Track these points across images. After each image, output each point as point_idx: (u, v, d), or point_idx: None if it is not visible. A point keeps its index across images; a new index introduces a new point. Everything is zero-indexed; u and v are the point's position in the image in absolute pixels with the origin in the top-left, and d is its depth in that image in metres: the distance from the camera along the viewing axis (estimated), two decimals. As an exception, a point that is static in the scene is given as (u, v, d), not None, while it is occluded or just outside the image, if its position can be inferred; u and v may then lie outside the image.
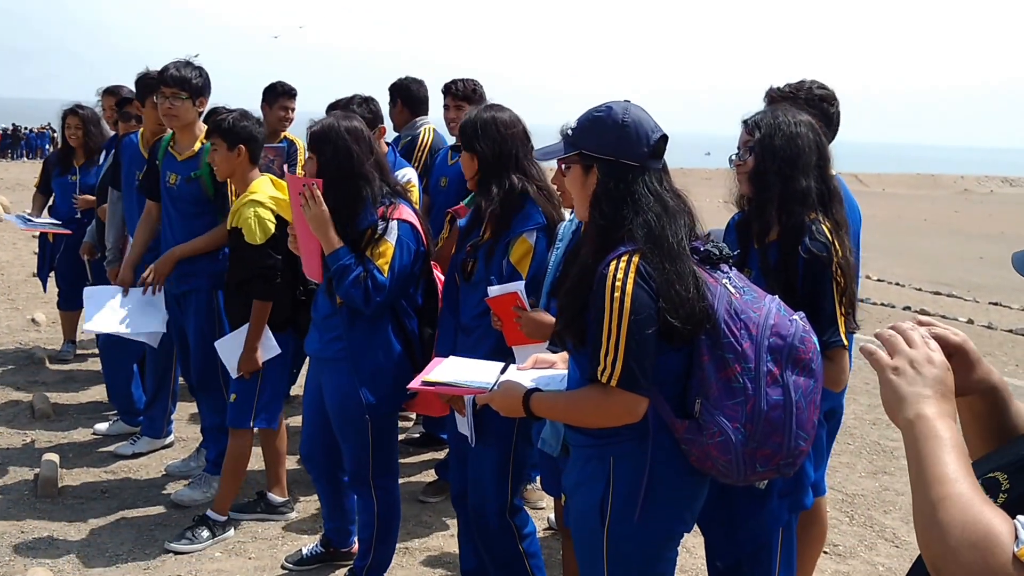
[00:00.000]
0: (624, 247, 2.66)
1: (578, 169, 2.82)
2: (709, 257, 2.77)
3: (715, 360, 2.64)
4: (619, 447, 2.74)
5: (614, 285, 2.59)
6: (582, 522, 2.86)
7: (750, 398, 2.60)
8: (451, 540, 5.12)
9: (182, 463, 6.00)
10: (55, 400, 7.16)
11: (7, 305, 10.43)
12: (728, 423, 2.61)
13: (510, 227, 3.78)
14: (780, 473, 2.72)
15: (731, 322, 2.64)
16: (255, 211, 4.68)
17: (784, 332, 2.66)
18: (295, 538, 5.10)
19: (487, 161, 3.82)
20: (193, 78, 5.31)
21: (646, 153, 2.74)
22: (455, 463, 4.19)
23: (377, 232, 3.99)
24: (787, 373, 2.63)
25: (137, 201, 5.97)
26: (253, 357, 4.79)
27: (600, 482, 2.76)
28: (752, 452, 2.62)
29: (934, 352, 1.57)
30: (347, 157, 4.03)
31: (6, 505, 5.36)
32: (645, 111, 2.80)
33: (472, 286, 3.86)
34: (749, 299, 2.72)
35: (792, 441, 2.63)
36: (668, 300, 2.58)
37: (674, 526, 2.84)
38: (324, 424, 4.34)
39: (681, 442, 2.70)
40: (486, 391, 3.00)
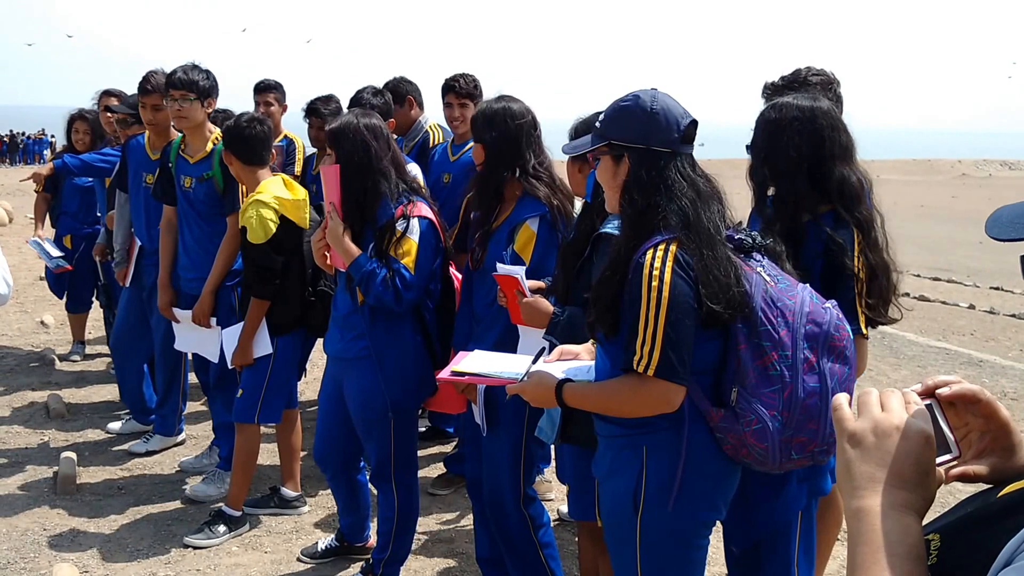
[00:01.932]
0: (660, 236, 2.66)
1: (608, 160, 2.81)
2: (742, 245, 2.79)
3: (752, 348, 2.65)
4: (653, 436, 2.74)
5: (651, 274, 2.59)
6: (614, 512, 2.87)
7: (787, 386, 2.63)
8: (462, 532, 5.22)
9: (195, 460, 6.10)
10: (68, 400, 7.27)
11: (16, 308, 10.51)
12: (765, 411, 2.63)
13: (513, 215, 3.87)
14: (815, 461, 2.75)
15: (768, 310, 2.66)
16: (258, 211, 4.74)
17: (820, 320, 2.70)
18: (309, 532, 5.20)
19: (494, 151, 3.90)
20: (200, 80, 5.39)
21: (677, 139, 2.73)
22: (471, 452, 4.27)
23: (398, 231, 4.06)
24: (823, 360, 2.67)
25: (144, 202, 6.06)
26: (247, 352, 4.91)
27: (633, 471, 2.77)
28: (788, 440, 2.65)
29: (916, 421, 1.23)
30: (365, 152, 4.09)
31: (27, 503, 5.47)
32: (672, 98, 2.79)
33: (481, 274, 3.95)
34: (783, 287, 2.75)
35: (828, 428, 2.64)
36: (707, 286, 2.59)
37: (707, 514, 2.85)
38: (340, 424, 4.42)
39: (716, 431, 2.71)
40: (516, 381, 3.00)
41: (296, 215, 4.82)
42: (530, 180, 3.87)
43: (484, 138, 3.93)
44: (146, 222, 6.06)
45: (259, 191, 4.85)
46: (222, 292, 5.47)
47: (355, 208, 4.12)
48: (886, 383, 8.29)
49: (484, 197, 3.97)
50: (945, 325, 11.87)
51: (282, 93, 7.20)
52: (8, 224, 17.26)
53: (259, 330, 4.91)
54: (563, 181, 3.99)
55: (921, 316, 11.90)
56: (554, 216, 3.86)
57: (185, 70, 5.41)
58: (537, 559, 4.11)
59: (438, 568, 4.84)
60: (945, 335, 11.15)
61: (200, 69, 5.43)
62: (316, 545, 4.90)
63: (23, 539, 5.02)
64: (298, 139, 7.18)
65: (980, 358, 9.67)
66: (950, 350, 10.01)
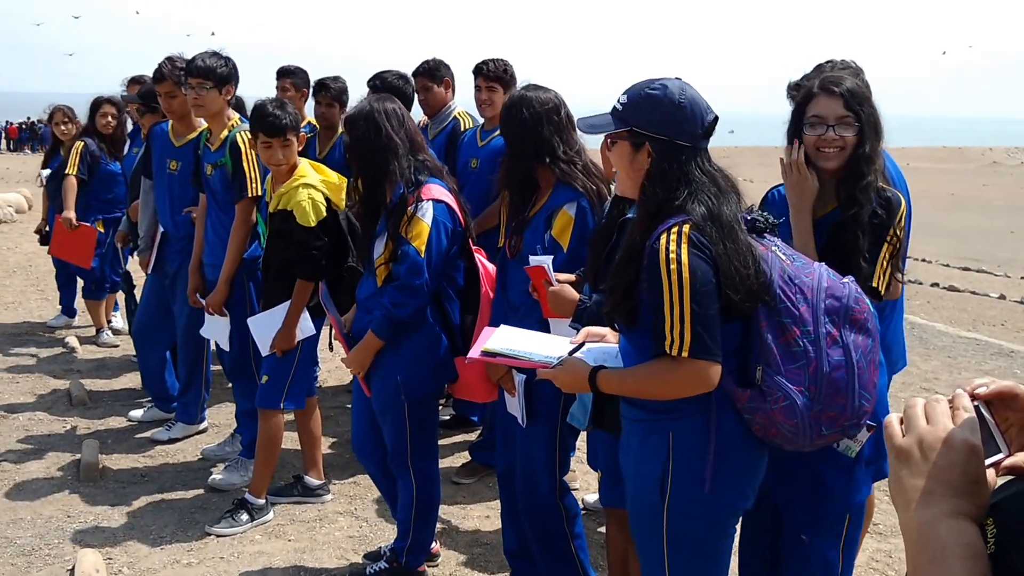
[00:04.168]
0: (672, 219, 2.65)
1: (626, 146, 2.80)
2: (755, 226, 2.78)
3: (773, 326, 2.65)
4: (680, 421, 2.73)
5: (668, 257, 2.59)
6: (640, 499, 2.85)
7: (812, 361, 2.63)
8: (487, 521, 5.16)
9: (217, 447, 6.06)
10: (89, 387, 7.26)
11: (36, 296, 10.56)
12: (792, 387, 2.63)
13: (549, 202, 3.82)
14: (846, 435, 2.77)
15: (786, 287, 2.67)
16: (309, 193, 4.72)
17: (839, 294, 2.70)
18: (333, 519, 5.15)
19: (515, 140, 3.87)
20: (218, 67, 5.34)
21: (700, 134, 2.74)
22: (502, 443, 4.21)
23: (409, 212, 4.00)
24: (846, 333, 2.67)
25: (168, 189, 6.02)
26: (290, 336, 4.84)
27: (660, 457, 2.75)
28: (817, 415, 2.64)
29: (960, 431, 1.22)
30: (375, 133, 4.05)
31: (51, 489, 5.45)
32: (696, 90, 2.78)
33: (517, 263, 3.90)
34: (800, 265, 2.75)
35: (856, 401, 2.66)
36: (727, 276, 2.59)
37: (736, 501, 2.82)
38: (370, 411, 4.36)
39: (744, 411, 2.71)
40: (549, 366, 2.98)
41: (336, 197, 4.81)
42: (562, 167, 3.81)
43: (504, 129, 3.95)
44: (169, 209, 6.02)
45: (302, 174, 4.81)
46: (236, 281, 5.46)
47: (370, 189, 4.08)
48: (916, 374, 8.19)
49: (513, 187, 3.92)
50: (975, 315, 11.74)
51: (301, 79, 7.13)
52: (27, 211, 17.34)
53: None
54: (597, 165, 3.93)
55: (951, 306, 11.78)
56: (592, 202, 3.81)
57: (203, 58, 5.37)
58: (567, 550, 4.08)
59: (462, 557, 4.79)
60: (975, 325, 11.01)
61: (219, 56, 5.38)
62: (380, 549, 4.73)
63: (47, 526, 5.00)
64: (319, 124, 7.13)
65: (1011, 348, 9.54)
66: (980, 340, 9.88)
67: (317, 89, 6.44)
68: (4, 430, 6.38)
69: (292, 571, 4.62)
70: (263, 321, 4.91)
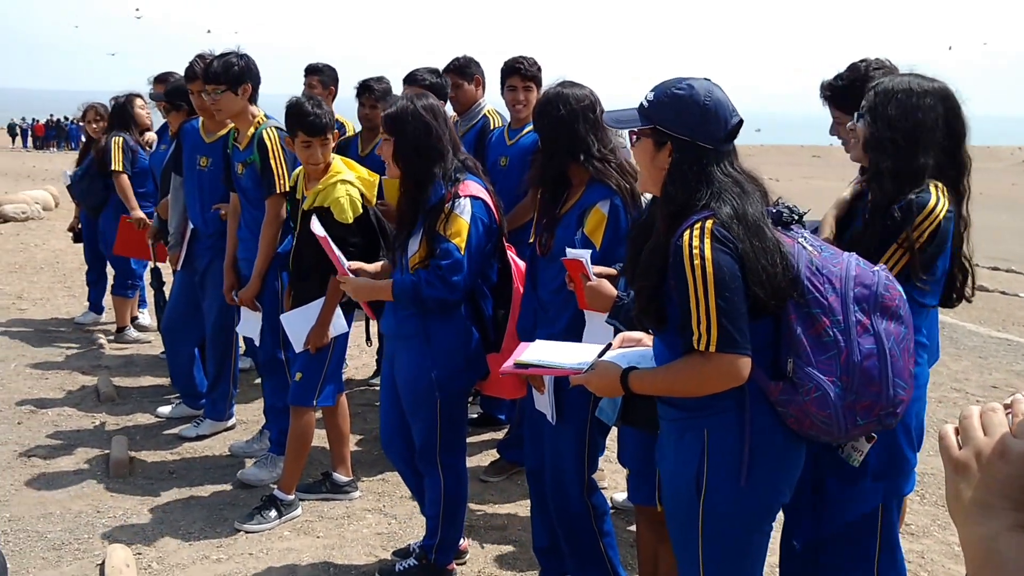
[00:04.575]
0: (695, 216, 2.65)
1: (649, 143, 2.80)
2: (781, 218, 2.78)
3: (803, 318, 2.64)
4: (714, 418, 2.72)
5: (691, 253, 2.58)
6: (676, 496, 2.85)
7: (842, 350, 2.62)
8: (515, 519, 5.15)
9: (246, 444, 6.07)
10: (117, 384, 7.29)
11: (64, 292, 10.62)
12: (824, 377, 2.61)
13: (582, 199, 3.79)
14: (882, 425, 2.72)
15: (814, 278, 2.65)
16: (347, 190, 4.72)
17: (868, 282, 2.68)
18: (361, 517, 5.15)
19: (549, 138, 3.84)
20: (228, 68, 5.35)
21: (722, 137, 2.73)
22: (531, 440, 4.19)
23: (446, 209, 3.98)
24: (877, 321, 2.65)
25: (198, 186, 6.03)
26: (324, 333, 4.83)
27: (695, 454, 2.75)
28: (851, 405, 2.63)
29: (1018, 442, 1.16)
30: (426, 134, 4.02)
31: (81, 485, 5.47)
32: (723, 92, 2.78)
33: (549, 260, 3.88)
34: (827, 255, 2.74)
35: (891, 390, 2.65)
36: (754, 274, 2.58)
37: (772, 498, 2.82)
38: (399, 407, 4.34)
39: (777, 404, 2.69)
40: (580, 372, 2.99)
41: (369, 194, 4.82)
42: (596, 165, 3.78)
43: (539, 125, 3.93)
44: (200, 205, 6.03)
45: (337, 171, 4.81)
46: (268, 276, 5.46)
47: (413, 191, 4.06)
48: (946, 373, 8.14)
49: (546, 184, 3.90)
50: (1005, 315, 11.64)
51: (328, 76, 7.14)
52: (55, 208, 17.45)
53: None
54: (631, 163, 3.90)
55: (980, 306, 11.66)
56: (626, 201, 3.78)
57: (213, 61, 5.40)
58: (596, 548, 4.06)
59: (491, 555, 4.77)
60: (1005, 325, 10.92)
61: (231, 56, 5.38)
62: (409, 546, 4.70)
63: (76, 520, 5.01)
64: (349, 123, 7.14)
65: (1042, 349, 9.44)
66: (1011, 340, 9.79)
67: (361, 90, 6.43)
68: (33, 425, 6.41)
69: (321, 567, 4.61)
70: (297, 318, 4.90)
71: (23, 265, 12.00)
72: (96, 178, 8.34)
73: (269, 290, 5.49)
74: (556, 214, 3.86)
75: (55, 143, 52.41)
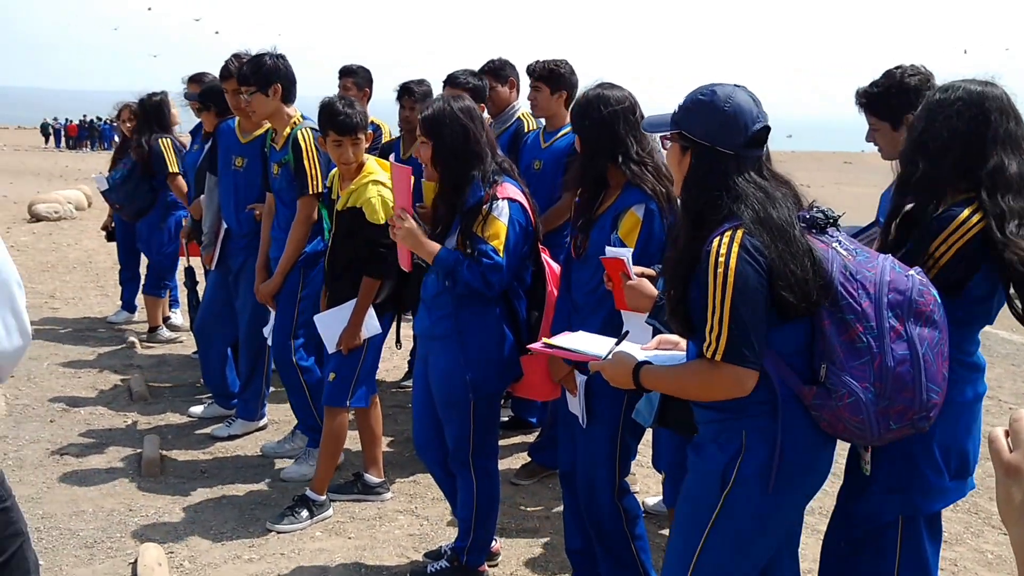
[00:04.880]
0: (728, 223, 2.64)
1: (676, 148, 2.82)
2: (815, 222, 2.75)
3: (836, 323, 2.63)
4: (750, 421, 2.73)
5: (717, 260, 2.58)
6: (696, 487, 2.86)
7: (876, 356, 2.60)
8: (547, 522, 5.13)
9: (277, 444, 6.07)
10: (149, 383, 7.32)
11: (96, 292, 10.69)
12: (857, 383, 2.61)
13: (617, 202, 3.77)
14: (916, 428, 2.70)
15: (847, 283, 2.64)
16: (379, 191, 4.72)
17: (902, 287, 2.66)
18: (392, 518, 5.14)
19: (590, 139, 3.81)
20: (257, 69, 5.38)
21: (742, 143, 2.70)
22: (564, 440, 4.16)
23: (484, 210, 3.97)
24: (910, 327, 2.63)
25: (233, 186, 6.05)
26: (356, 334, 4.83)
27: (729, 454, 2.75)
28: (884, 410, 2.62)
29: None
30: (464, 137, 4.01)
31: (113, 483, 5.50)
32: (752, 97, 2.76)
33: (583, 262, 3.86)
34: (862, 259, 2.71)
35: (924, 395, 2.64)
36: (783, 279, 2.57)
37: (797, 499, 2.85)
38: (432, 409, 4.33)
39: (811, 408, 2.70)
40: (599, 359, 3.03)
41: None
42: (632, 168, 3.75)
43: (579, 126, 3.89)
44: (234, 205, 6.05)
45: (370, 171, 4.82)
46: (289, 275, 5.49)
47: (451, 193, 4.05)
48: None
49: (584, 185, 3.88)
50: (1038, 323, 11.48)
51: (363, 78, 7.14)
52: (87, 208, 17.59)
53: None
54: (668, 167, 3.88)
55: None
56: (660, 206, 3.75)
57: (243, 63, 5.45)
58: (628, 551, 4.04)
59: (523, 558, 4.76)
60: (1039, 333, 10.78)
61: (262, 57, 5.40)
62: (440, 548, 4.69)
63: (109, 519, 5.03)
64: (384, 125, 7.14)
65: (1077, 357, 9.33)
66: (1045, 348, 9.68)
67: (401, 93, 6.45)
68: (66, 424, 6.45)
69: (352, 568, 4.61)
70: (330, 319, 4.90)
71: (55, 264, 12.09)
72: (141, 181, 8.29)
73: (289, 288, 5.52)
74: (592, 216, 3.84)
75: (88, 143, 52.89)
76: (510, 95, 6.34)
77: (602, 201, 3.84)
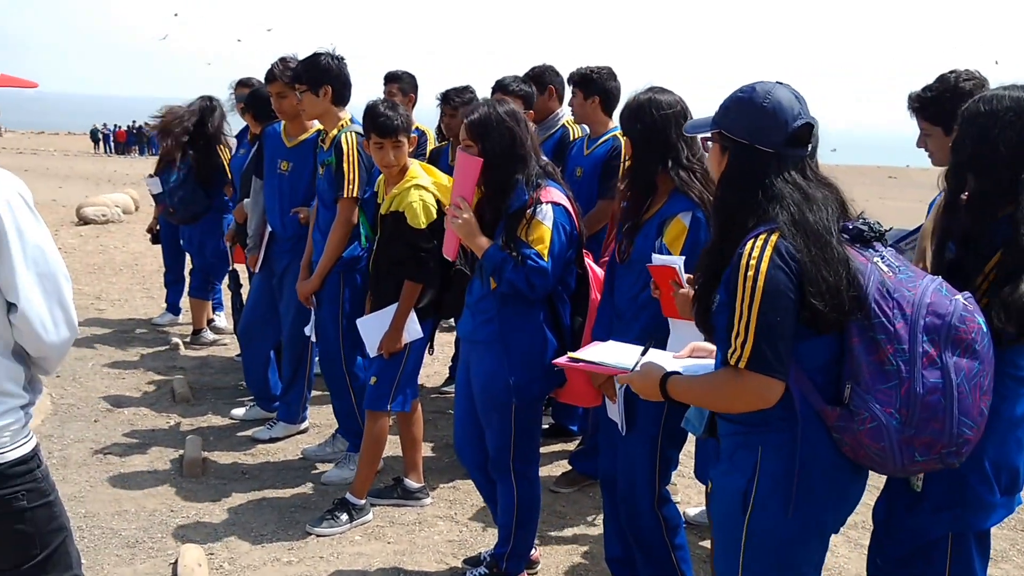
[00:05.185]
0: (763, 226, 2.55)
1: (717, 148, 2.74)
2: (860, 235, 2.63)
3: (865, 342, 2.50)
4: (767, 436, 2.62)
5: (748, 263, 2.48)
6: (722, 511, 2.77)
7: (904, 381, 2.46)
8: (587, 530, 5.09)
9: (318, 448, 6.08)
10: (192, 385, 7.37)
11: (142, 294, 10.77)
12: (880, 408, 2.47)
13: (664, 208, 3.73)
14: (944, 464, 2.55)
15: (882, 301, 2.49)
16: (420, 195, 4.72)
17: (942, 311, 2.50)
18: (432, 523, 5.13)
19: (640, 143, 3.77)
20: (309, 69, 5.39)
21: (781, 141, 2.61)
22: (605, 448, 4.13)
23: (528, 214, 3.95)
24: (946, 354, 2.48)
25: (278, 189, 6.06)
26: (397, 338, 4.82)
27: (745, 472, 2.66)
28: (909, 439, 2.48)
29: None
30: (510, 141, 3.99)
31: (154, 483, 5.53)
32: (794, 94, 2.66)
33: (627, 267, 3.82)
34: (904, 278, 2.57)
35: (955, 428, 2.48)
36: (814, 285, 2.46)
37: (821, 524, 2.70)
38: (474, 414, 4.31)
39: (833, 431, 2.57)
40: (627, 371, 2.96)
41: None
42: (681, 174, 3.71)
43: (630, 130, 3.84)
44: (279, 209, 6.06)
45: (413, 176, 4.81)
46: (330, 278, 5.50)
47: (496, 197, 4.02)
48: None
49: (634, 190, 3.84)
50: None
51: (408, 84, 7.15)
52: (135, 212, 17.76)
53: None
54: None
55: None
56: (708, 213, 3.69)
57: (296, 63, 5.51)
58: (669, 561, 4.00)
59: (563, 566, 4.72)
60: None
61: (318, 57, 5.41)
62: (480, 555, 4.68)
63: (150, 519, 5.06)
64: (429, 131, 7.15)
65: None
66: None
67: (444, 100, 6.46)
68: (110, 424, 6.50)
69: (391, 573, 4.60)
70: (372, 322, 4.90)
71: (102, 266, 12.21)
72: (196, 187, 8.34)
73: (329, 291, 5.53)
74: (638, 221, 3.80)
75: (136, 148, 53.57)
76: (549, 103, 6.33)
77: (648, 206, 3.80)
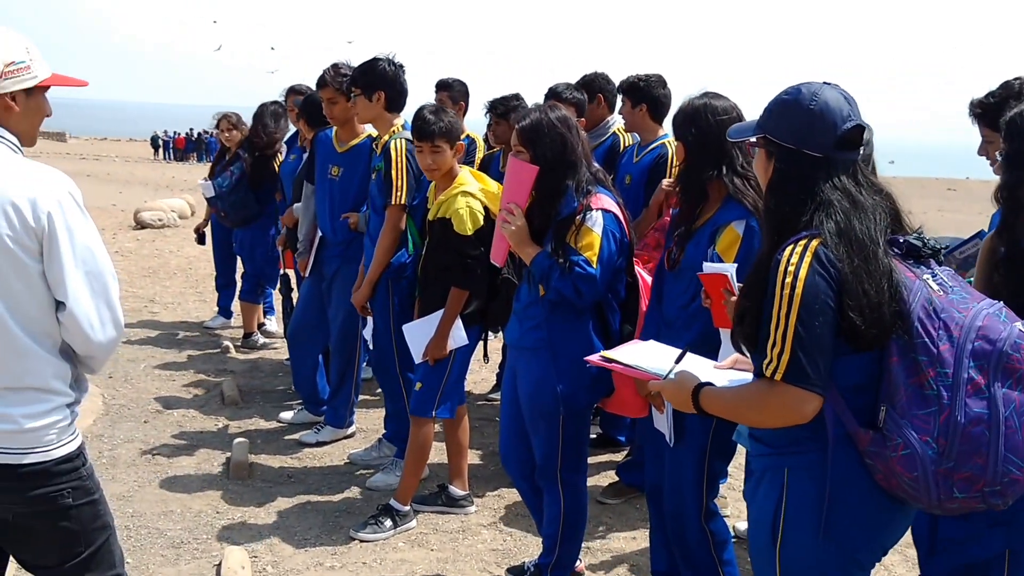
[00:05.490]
0: (804, 232, 2.42)
1: (763, 153, 2.61)
2: (914, 250, 2.48)
3: (906, 363, 2.34)
4: (796, 458, 2.51)
5: (786, 270, 2.36)
6: (755, 538, 2.66)
7: (944, 408, 2.29)
8: (633, 542, 5.01)
9: (364, 452, 6.07)
10: (241, 388, 7.41)
11: (195, 297, 10.89)
12: (916, 435, 2.30)
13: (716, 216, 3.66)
14: (987, 504, 2.35)
15: (927, 321, 2.33)
16: (467, 202, 4.70)
17: (993, 336, 2.32)
18: (476, 531, 5.08)
19: (695, 149, 3.70)
20: (364, 73, 5.39)
21: (831, 144, 2.48)
22: (651, 458, 4.06)
23: (577, 221, 3.90)
24: (995, 385, 2.29)
25: (328, 194, 6.06)
26: (443, 344, 4.79)
27: (773, 499, 2.55)
28: (947, 473, 2.30)
29: None
30: (562, 146, 3.96)
31: (201, 485, 5.55)
32: (843, 95, 2.53)
33: (676, 275, 3.75)
34: (956, 299, 2.41)
35: (999, 465, 2.28)
36: (854, 298, 2.32)
37: (856, 554, 2.54)
38: (520, 421, 4.26)
39: (866, 456, 2.41)
40: (660, 378, 2.83)
41: (495, 206, 4.73)
42: (735, 182, 3.63)
43: (684, 136, 3.76)
44: (329, 214, 6.07)
45: (461, 183, 4.79)
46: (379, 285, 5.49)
47: (546, 203, 3.98)
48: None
49: (686, 196, 3.76)
50: None
51: (458, 92, 7.12)
52: (190, 216, 17.99)
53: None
54: None
55: None
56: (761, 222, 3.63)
57: (352, 67, 5.53)
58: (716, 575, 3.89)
59: (608, 578, 4.65)
60: None
61: (374, 62, 5.41)
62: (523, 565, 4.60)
63: (196, 520, 5.07)
64: (479, 138, 7.13)
65: None
66: None
67: (490, 108, 6.47)
68: (159, 425, 6.55)
69: (434, 581, 4.57)
70: (417, 329, 4.88)
71: (157, 270, 12.36)
72: (248, 192, 8.41)
73: (381, 298, 5.52)
74: (690, 228, 3.73)
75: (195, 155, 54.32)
76: (598, 111, 6.28)
77: (700, 213, 3.73)
